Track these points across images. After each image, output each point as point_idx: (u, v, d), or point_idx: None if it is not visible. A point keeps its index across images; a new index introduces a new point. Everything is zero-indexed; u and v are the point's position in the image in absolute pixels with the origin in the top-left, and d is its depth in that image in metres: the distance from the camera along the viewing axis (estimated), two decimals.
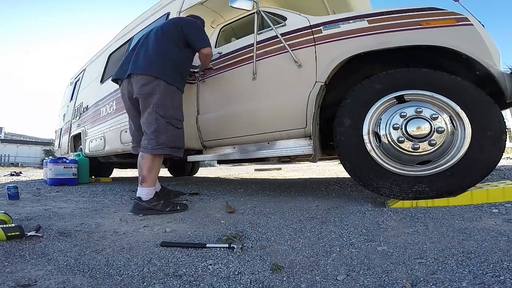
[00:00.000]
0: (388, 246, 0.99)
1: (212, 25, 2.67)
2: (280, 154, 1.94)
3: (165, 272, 0.87)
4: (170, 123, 1.78)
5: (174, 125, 1.80)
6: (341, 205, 1.72)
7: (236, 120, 2.15)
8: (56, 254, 1.00)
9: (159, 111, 1.75)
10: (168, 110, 1.78)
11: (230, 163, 9.82)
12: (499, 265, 0.76)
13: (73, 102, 4.88)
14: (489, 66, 1.47)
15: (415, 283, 0.73)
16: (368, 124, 1.60)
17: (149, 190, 1.75)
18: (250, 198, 2.19)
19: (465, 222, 1.17)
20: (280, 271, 0.86)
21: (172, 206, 1.73)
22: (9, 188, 2.32)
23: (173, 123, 1.80)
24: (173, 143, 1.79)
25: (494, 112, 1.41)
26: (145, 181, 1.76)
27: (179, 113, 1.86)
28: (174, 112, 1.82)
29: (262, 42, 2.04)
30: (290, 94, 1.90)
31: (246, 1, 1.90)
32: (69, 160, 3.71)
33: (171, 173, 5.75)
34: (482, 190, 1.45)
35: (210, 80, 2.34)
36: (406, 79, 1.56)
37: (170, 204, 1.76)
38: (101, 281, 0.80)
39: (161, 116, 1.75)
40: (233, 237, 1.14)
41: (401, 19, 1.65)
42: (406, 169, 1.53)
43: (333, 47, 1.78)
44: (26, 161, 24.52)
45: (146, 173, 1.76)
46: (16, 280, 0.79)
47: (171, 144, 1.78)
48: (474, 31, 1.54)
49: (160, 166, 1.86)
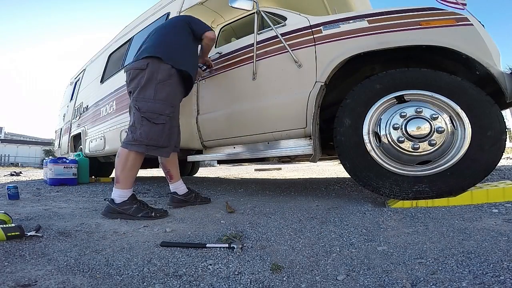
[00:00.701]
0: (388, 246, 0.99)
1: (212, 25, 2.68)
2: (280, 154, 1.94)
3: (165, 272, 0.87)
4: (145, 118, 1.60)
5: (151, 120, 1.61)
6: (341, 205, 1.72)
7: (236, 120, 2.15)
8: (56, 254, 1.00)
9: (137, 104, 1.63)
10: (147, 103, 1.62)
11: (230, 163, 9.82)
12: (499, 265, 0.76)
13: (73, 102, 4.88)
14: (489, 66, 1.47)
15: (415, 283, 0.73)
16: (368, 124, 1.60)
17: (123, 192, 1.60)
18: (250, 198, 2.19)
19: (465, 222, 1.17)
20: (280, 271, 0.86)
21: (145, 212, 1.56)
22: (9, 188, 2.32)
23: (150, 118, 1.61)
24: (150, 140, 1.60)
25: (494, 112, 1.41)
26: (118, 181, 1.61)
27: (162, 107, 1.64)
28: (154, 105, 1.62)
29: (262, 42, 2.05)
30: (290, 94, 1.90)
31: (246, 1, 1.90)
32: (69, 160, 3.71)
33: None
34: (482, 190, 1.45)
35: (210, 80, 2.34)
36: (406, 79, 1.56)
37: (144, 209, 1.58)
38: (101, 281, 0.80)
39: (137, 109, 1.62)
40: (233, 237, 1.14)
41: (401, 19, 1.65)
42: (406, 169, 1.53)
43: (333, 47, 1.78)
44: (26, 161, 24.53)
45: (119, 172, 1.61)
46: (16, 280, 0.79)
47: (147, 141, 1.60)
48: (474, 31, 1.54)
49: (137, 166, 1.67)
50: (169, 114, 1.67)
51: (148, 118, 1.61)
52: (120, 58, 3.51)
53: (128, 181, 1.62)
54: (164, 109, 1.65)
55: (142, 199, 1.85)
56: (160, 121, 1.63)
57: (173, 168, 2.01)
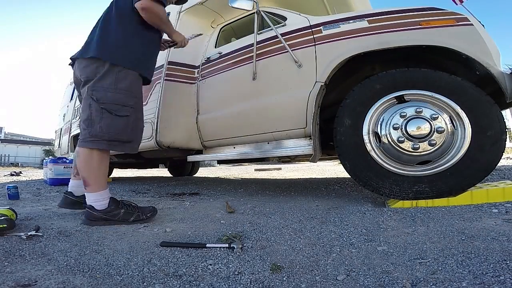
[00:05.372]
0: (388, 246, 0.99)
1: (212, 25, 2.68)
2: (280, 154, 1.94)
3: (165, 272, 0.87)
4: (105, 109, 1.40)
5: (112, 112, 1.41)
6: (341, 205, 1.72)
7: (236, 120, 2.15)
8: (56, 254, 1.00)
9: (94, 94, 1.41)
10: (108, 93, 1.42)
11: (230, 163, 9.82)
12: (499, 265, 0.76)
13: (73, 102, 4.87)
14: (489, 66, 1.47)
15: (415, 283, 0.73)
16: (368, 124, 1.60)
17: (98, 195, 1.42)
18: (250, 198, 2.19)
19: (465, 222, 1.17)
20: (280, 271, 0.86)
21: (136, 215, 1.44)
22: (9, 188, 2.32)
23: (112, 109, 1.41)
24: (112, 134, 1.42)
25: (494, 112, 1.41)
26: (87, 184, 1.42)
27: (125, 98, 1.46)
28: (116, 95, 1.43)
29: (262, 42, 2.05)
30: (290, 94, 1.90)
31: (246, 1, 1.90)
32: (69, 160, 3.71)
33: (171, 173, 5.74)
34: (482, 190, 1.45)
35: (210, 80, 2.34)
36: (406, 79, 1.56)
37: (134, 211, 1.45)
38: (101, 281, 0.80)
39: (95, 100, 1.40)
40: (233, 237, 1.14)
41: (401, 19, 1.65)
42: (406, 169, 1.53)
43: (333, 47, 1.78)
44: (26, 161, 24.52)
45: (86, 174, 1.41)
46: (16, 280, 0.79)
47: (108, 136, 1.41)
48: (474, 31, 1.54)
49: (105, 163, 1.48)
50: (133, 105, 1.49)
51: (109, 110, 1.41)
52: None
53: (100, 182, 1.44)
54: (127, 100, 1.46)
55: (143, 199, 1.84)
56: (124, 113, 1.44)
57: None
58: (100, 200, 1.42)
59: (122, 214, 1.42)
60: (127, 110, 1.46)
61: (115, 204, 1.44)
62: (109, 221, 1.40)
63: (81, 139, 1.44)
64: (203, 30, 2.58)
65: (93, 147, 1.42)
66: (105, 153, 1.47)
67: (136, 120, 1.53)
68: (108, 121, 1.41)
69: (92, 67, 1.45)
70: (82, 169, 1.43)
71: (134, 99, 1.51)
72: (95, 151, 1.43)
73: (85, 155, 1.42)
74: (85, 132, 1.42)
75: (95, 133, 1.40)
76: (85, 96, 1.45)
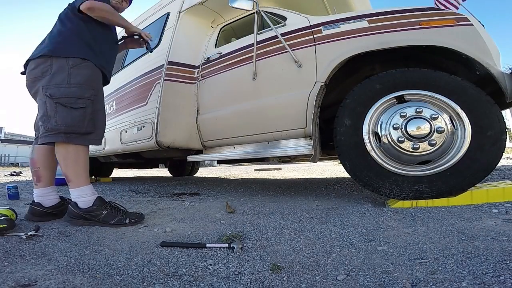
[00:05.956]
0: (388, 246, 0.99)
1: (212, 25, 2.68)
2: (280, 154, 1.94)
3: (165, 272, 0.87)
4: (60, 103, 1.39)
5: (67, 105, 1.39)
6: (341, 205, 1.72)
7: (236, 120, 2.15)
8: (56, 254, 1.00)
9: (48, 92, 1.40)
10: (61, 88, 1.41)
11: (230, 163, 9.83)
12: (499, 265, 0.76)
13: None
14: (489, 66, 1.47)
15: (415, 283, 0.73)
16: (368, 124, 1.60)
17: (80, 190, 1.42)
18: (250, 198, 2.19)
19: (465, 222, 1.17)
20: (280, 271, 0.86)
21: (118, 219, 1.40)
22: (9, 188, 2.32)
23: (66, 103, 1.39)
24: (69, 127, 1.39)
25: (494, 112, 1.41)
26: (69, 179, 1.42)
27: (80, 91, 1.43)
28: (70, 89, 1.41)
29: (262, 42, 2.05)
30: (290, 94, 1.90)
31: (246, 1, 1.90)
32: None
33: (171, 173, 5.74)
34: (482, 190, 1.45)
35: (210, 80, 2.34)
36: (406, 79, 1.56)
37: (116, 215, 1.41)
38: (101, 281, 0.80)
39: (49, 96, 1.40)
40: (233, 237, 1.14)
41: (401, 19, 1.65)
42: (406, 169, 1.53)
43: (333, 47, 1.78)
44: (26, 161, 24.46)
45: (65, 169, 1.42)
46: (16, 280, 0.79)
47: (65, 129, 1.38)
48: (474, 31, 1.54)
49: (84, 158, 1.47)
50: (90, 97, 1.46)
51: (64, 104, 1.40)
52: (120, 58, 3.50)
53: (80, 177, 1.43)
54: (82, 92, 1.44)
55: (143, 199, 1.84)
56: (79, 105, 1.42)
57: (45, 166, 1.59)
58: (83, 196, 1.42)
59: (104, 215, 1.40)
60: (83, 102, 1.44)
61: (100, 204, 1.42)
62: (89, 220, 1.39)
63: (39, 136, 1.44)
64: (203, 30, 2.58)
65: (50, 140, 1.41)
66: (81, 148, 1.46)
67: (95, 111, 1.50)
68: (63, 114, 1.40)
69: (44, 65, 1.44)
70: (62, 165, 1.44)
71: (91, 91, 1.48)
72: (71, 146, 1.42)
73: (62, 151, 1.43)
74: (42, 128, 1.41)
75: (51, 127, 1.39)
76: (40, 96, 1.44)
